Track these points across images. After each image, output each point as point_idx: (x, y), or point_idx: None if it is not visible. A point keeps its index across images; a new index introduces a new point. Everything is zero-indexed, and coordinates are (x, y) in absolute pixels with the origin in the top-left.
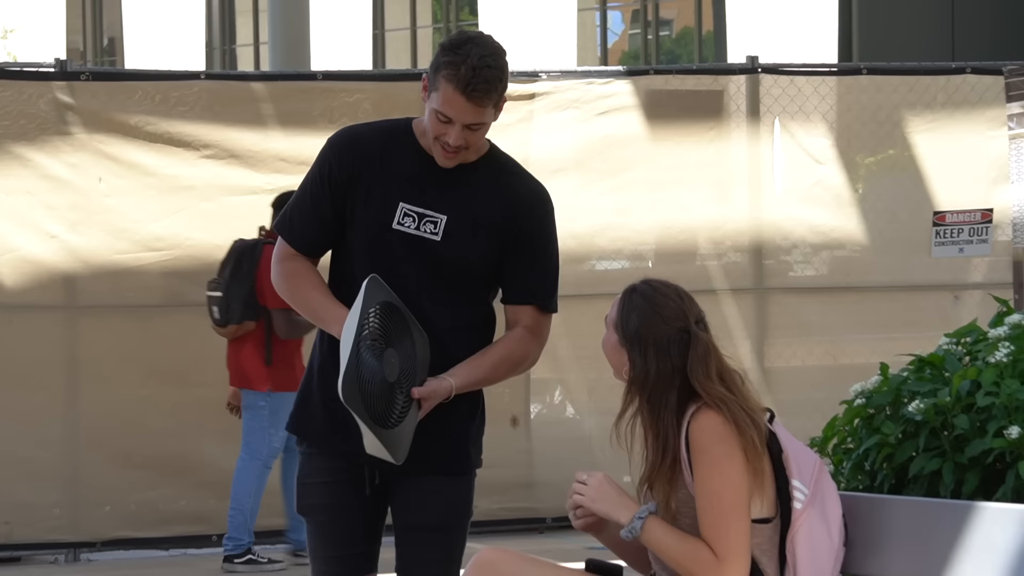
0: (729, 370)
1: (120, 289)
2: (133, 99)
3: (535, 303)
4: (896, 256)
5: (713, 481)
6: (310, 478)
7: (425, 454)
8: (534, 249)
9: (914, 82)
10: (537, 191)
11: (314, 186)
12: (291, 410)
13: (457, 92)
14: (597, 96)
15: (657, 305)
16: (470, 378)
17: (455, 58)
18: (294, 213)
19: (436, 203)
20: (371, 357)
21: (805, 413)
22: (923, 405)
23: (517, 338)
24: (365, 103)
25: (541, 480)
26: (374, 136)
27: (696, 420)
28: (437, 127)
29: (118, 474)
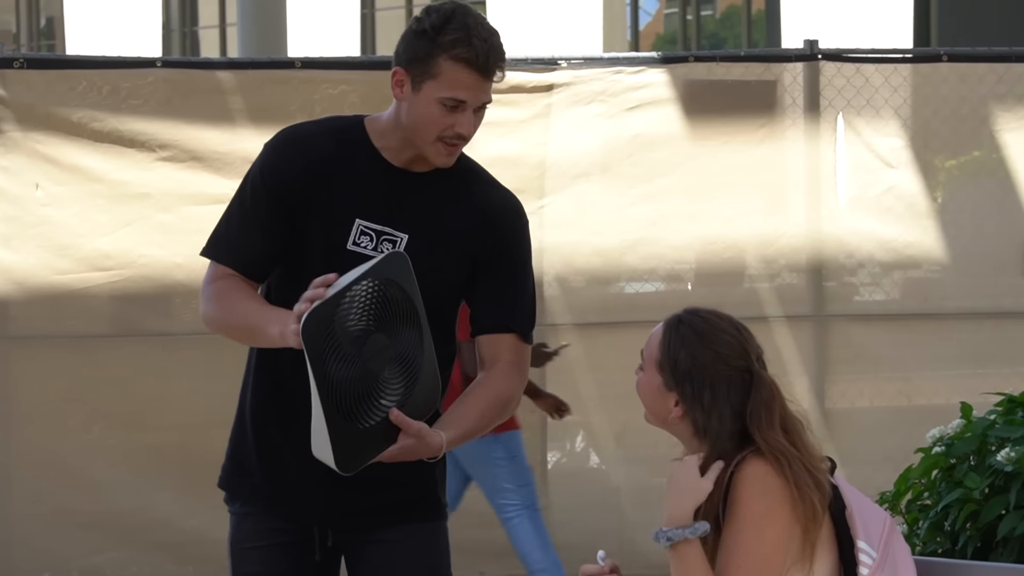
0: (793, 418)
1: (60, 316)
2: (76, 91)
3: (516, 331)
4: (982, 277)
5: (748, 540)
6: (247, 542)
7: (385, 503)
8: (512, 268)
9: (1004, 71)
10: (513, 203)
11: (254, 197)
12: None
13: (472, 70)
14: (626, 87)
15: (712, 341)
16: (462, 430)
17: (457, 34)
18: (226, 230)
19: (396, 219)
20: (346, 337)
21: (873, 463)
22: (1014, 454)
23: (503, 377)
24: (352, 95)
25: (560, 541)
26: (324, 138)
27: (742, 469)
28: (441, 120)
29: (58, 535)
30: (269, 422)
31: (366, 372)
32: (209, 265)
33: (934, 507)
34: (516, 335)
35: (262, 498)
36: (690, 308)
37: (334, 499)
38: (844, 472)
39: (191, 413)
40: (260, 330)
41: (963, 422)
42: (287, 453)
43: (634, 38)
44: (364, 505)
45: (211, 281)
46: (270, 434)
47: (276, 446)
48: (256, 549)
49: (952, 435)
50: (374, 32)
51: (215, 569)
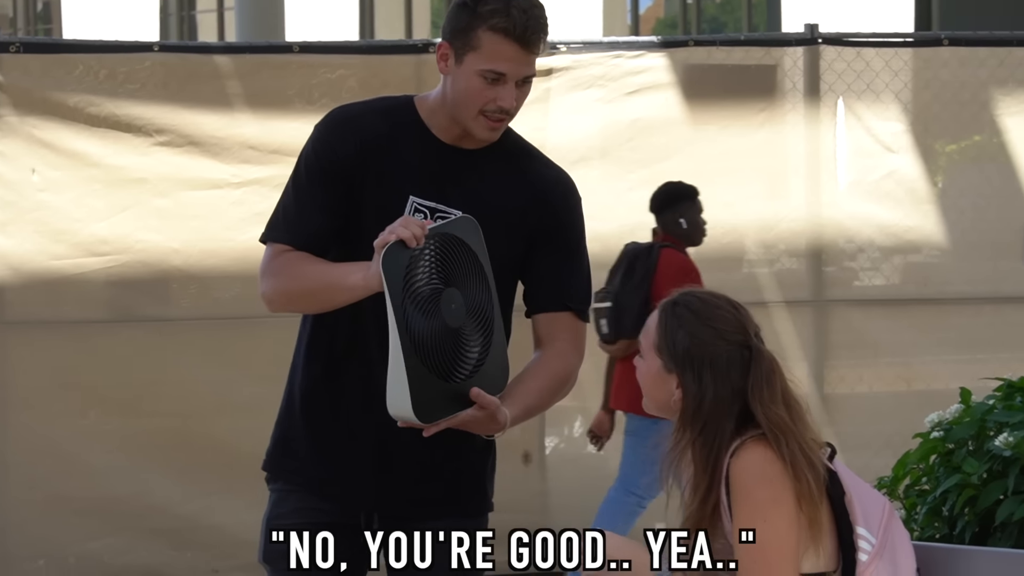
0: (794, 396)
1: (57, 302)
2: (73, 75)
3: (573, 308)
4: (982, 262)
5: (758, 528)
6: (285, 519)
7: (435, 494)
8: (568, 244)
9: (1006, 55)
10: (566, 178)
11: (309, 176)
12: (267, 447)
13: (511, 41)
14: (626, 72)
15: (710, 318)
16: (524, 406)
17: (496, 4)
18: (283, 214)
19: (450, 196)
20: (422, 300)
21: (873, 448)
22: (1012, 439)
23: (561, 355)
24: (350, 80)
25: (558, 526)
26: (375, 117)
27: (739, 456)
28: (483, 93)
29: (54, 521)
30: (321, 404)
31: (447, 328)
32: (265, 250)
33: (932, 492)
34: (573, 313)
35: (307, 479)
36: (684, 290)
37: (387, 486)
38: (843, 457)
39: (188, 399)
40: (340, 282)
41: (962, 407)
42: (338, 436)
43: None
44: (413, 493)
45: (271, 259)
46: (321, 416)
47: (328, 429)
48: (293, 526)
49: (950, 420)
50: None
51: (213, 555)
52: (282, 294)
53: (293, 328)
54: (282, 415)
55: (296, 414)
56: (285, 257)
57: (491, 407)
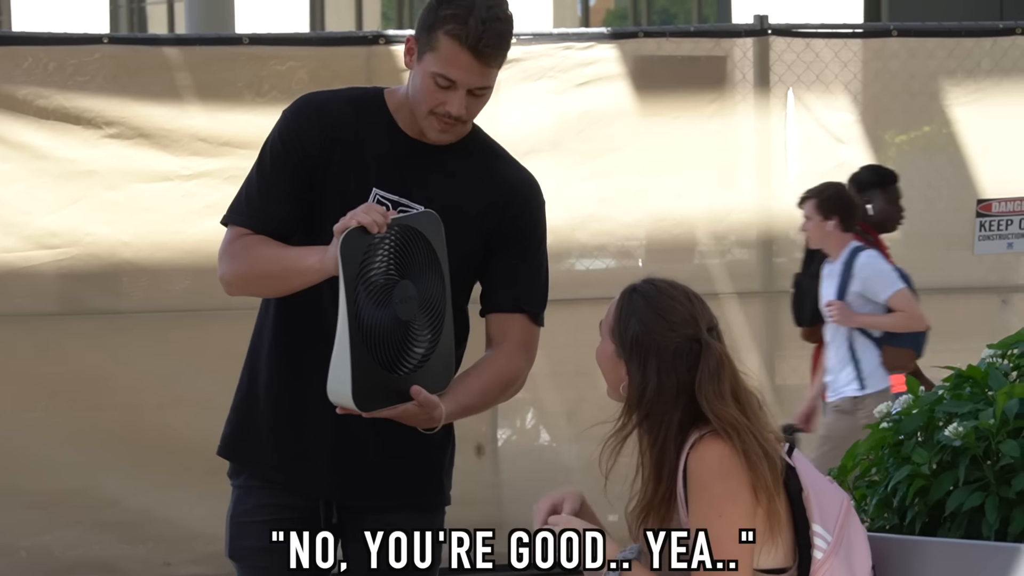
0: (746, 390)
1: (7, 294)
2: (22, 68)
3: (526, 311)
4: (932, 253)
5: (711, 526)
6: (249, 515)
7: (393, 486)
8: (526, 247)
9: (954, 45)
10: (530, 180)
11: (274, 161)
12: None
13: (464, 49)
14: (576, 63)
15: (662, 308)
16: (461, 404)
17: (458, 10)
18: (246, 198)
19: (413, 190)
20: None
21: None
22: (962, 429)
23: (508, 355)
24: (300, 72)
25: (511, 520)
26: (345, 107)
27: (697, 451)
28: (434, 95)
29: (4, 515)
30: (282, 393)
31: (397, 320)
32: (226, 233)
33: (882, 483)
34: (526, 316)
35: (270, 468)
36: (647, 277)
37: (343, 472)
38: None
39: (139, 392)
40: (296, 265)
41: (911, 397)
42: (301, 424)
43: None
44: (370, 485)
45: (230, 242)
46: (282, 405)
47: (290, 416)
48: (258, 523)
49: (900, 411)
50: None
51: (165, 548)
52: (239, 276)
53: (244, 320)
54: (241, 401)
55: (259, 400)
56: (244, 240)
57: (429, 406)
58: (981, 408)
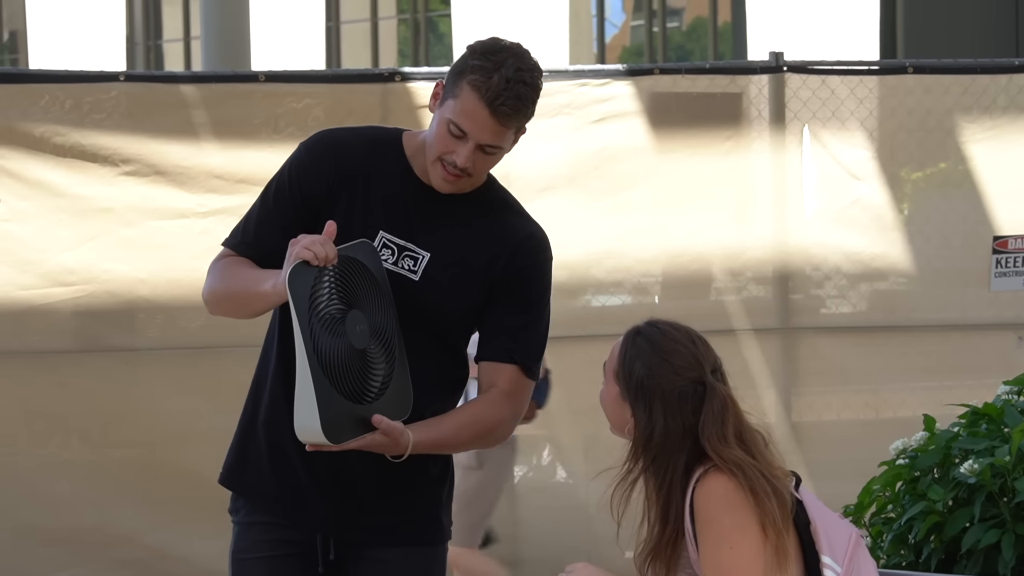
0: (750, 429)
1: (24, 332)
2: (39, 105)
3: (519, 363)
4: (948, 290)
5: (723, 558)
6: (248, 552)
7: (390, 522)
8: (527, 300)
9: (970, 82)
10: (540, 236)
11: (278, 196)
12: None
13: (482, 103)
14: (592, 100)
15: (666, 352)
16: (428, 437)
17: (487, 64)
18: (244, 224)
19: (420, 237)
20: (329, 322)
21: (841, 476)
22: (977, 466)
23: (490, 401)
24: (316, 109)
25: (528, 556)
26: (361, 146)
27: (702, 485)
28: (445, 142)
29: (20, 552)
30: (281, 427)
31: (353, 349)
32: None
33: (898, 520)
34: (518, 367)
35: (269, 502)
36: (650, 319)
37: (340, 509)
38: (812, 485)
39: (154, 429)
40: (254, 287)
41: (927, 434)
42: (298, 460)
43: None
44: (369, 519)
45: (214, 262)
46: (282, 440)
47: (288, 452)
48: (258, 560)
49: (916, 447)
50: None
51: None
52: (212, 294)
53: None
54: (243, 433)
55: (259, 433)
56: (225, 260)
57: (393, 433)
58: (997, 445)
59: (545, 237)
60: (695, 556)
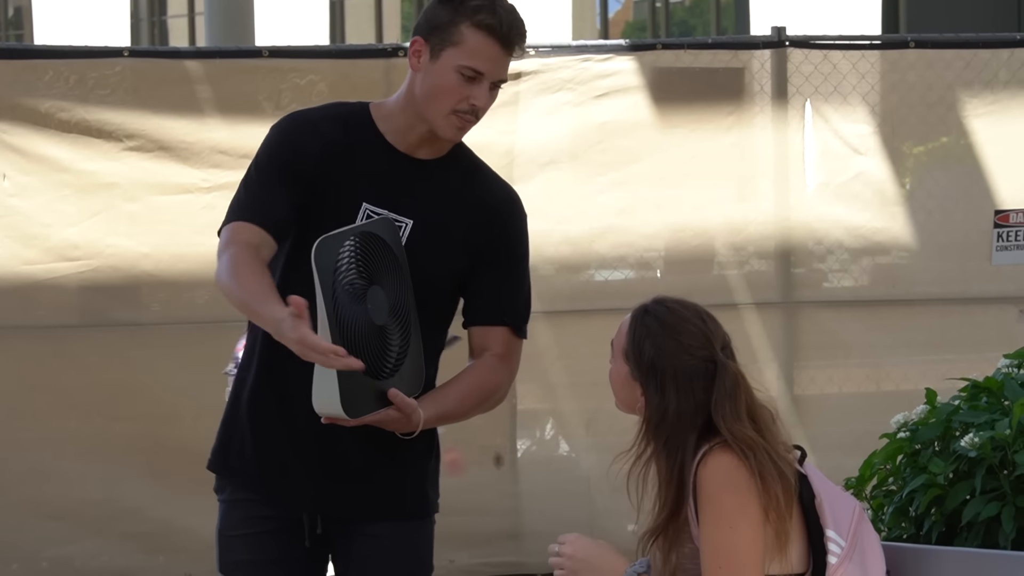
0: (760, 406)
1: (29, 306)
2: (43, 81)
3: (509, 324)
4: (950, 263)
5: (723, 537)
6: (234, 529)
7: (376, 497)
8: (511, 261)
9: (971, 57)
10: (514, 196)
11: (272, 168)
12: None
13: (494, 39)
14: (595, 75)
15: (676, 331)
16: (439, 410)
17: (481, 2)
18: (245, 195)
19: (402, 204)
20: (351, 297)
21: (843, 449)
22: (978, 439)
23: (488, 367)
24: (320, 84)
25: (530, 530)
26: (333, 123)
27: (707, 463)
28: (458, 90)
29: (26, 526)
30: (265, 406)
31: (373, 325)
32: (224, 231)
33: (899, 492)
34: (508, 328)
35: (253, 482)
36: (658, 297)
37: (326, 485)
38: (814, 458)
39: (159, 403)
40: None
41: (928, 408)
42: (283, 437)
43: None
44: (355, 495)
45: (226, 246)
46: (267, 418)
47: (273, 430)
48: (244, 537)
49: (917, 421)
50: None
51: (185, 558)
52: (225, 291)
53: None
54: (228, 416)
55: (242, 415)
56: (237, 255)
57: (408, 409)
58: (997, 418)
59: (518, 197)
60: (696, 532)
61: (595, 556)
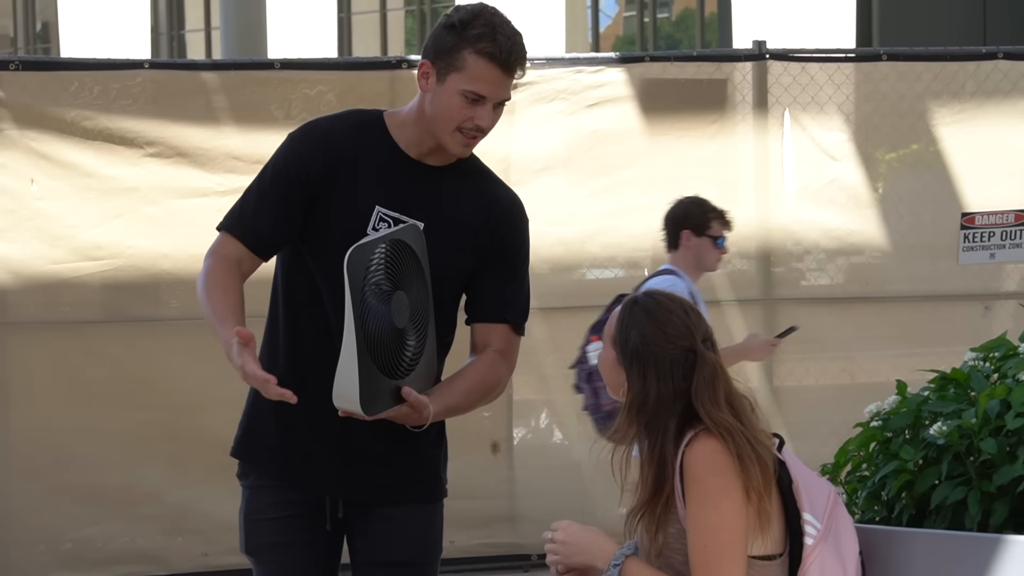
0: (738, 395)
1: (55, 303)
2: (69, 91)
3: (509, 322)
4: (920, 263)
5: (708, 517)
6: (260, 513)
7: (394, 482)
8: (512, 264)
9: (940, 69)
10: (518, 201)
11: (274, 181)
12: (236, 434)
13: (494, 65)
14: (587, 86)
15: (660, 321)
16: (446, 404)
17: (483, 30)
18: (240, 208)
19: (413, 208)
20: (377, 301)
21: (819, 437)
22: (946, 428)
23: (489, 362)
24: (328, 95)
25: (525, 513)
26: (346, 131)
27: (692, 447)
28: (463, 111)
29: (53, 509)
30: None
31: (393, 328)
32: (217, 237)
33: (872, 478)
34: (509, 326)
35: (277, 467)
36: (648, 290)
37: (347, 470)
38: (792, 446)
39: (177, 394)
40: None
41: (899, 398)
42: (305, 425)
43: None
44: (374, 479)
45: (210, 255)
46: (290, 406)
47: (295, 418)
48: (270, 521)
49: (888, 410)
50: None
51: (202, 540)
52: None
53: None
54: (251, 404)
55: (265, 403)
56: (215, 265)
57: (420, 406)
58: (964, 408)
59: (521, 202)
60: (683, 513)
61: (586, 541)
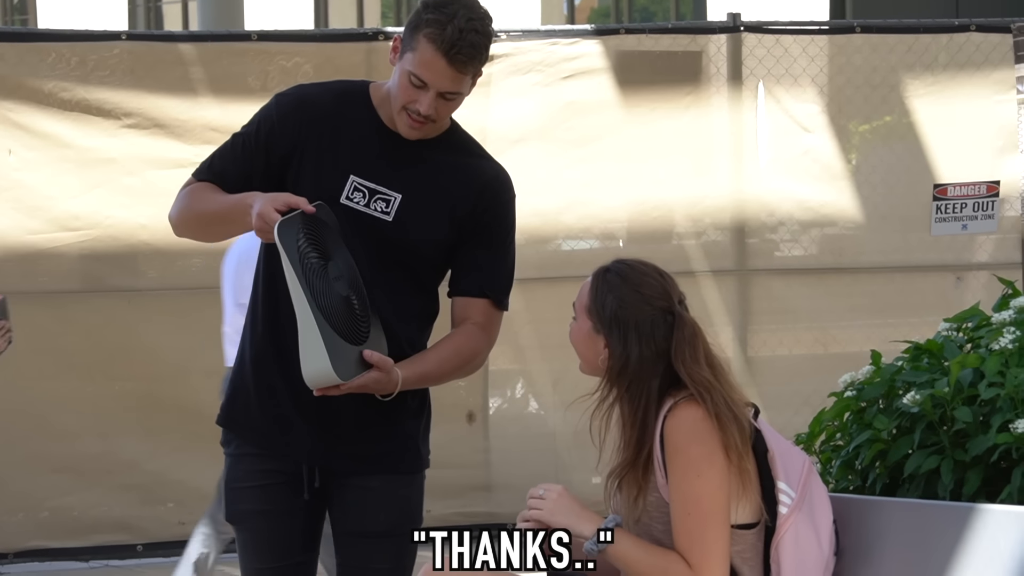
0: (716, 356)
1: (32, 273)
2: (46, 62)
3: (490, 296)
4: (892, 234)
5: (690, 484)
6: (241, 481)
7: (371, 452)
8: (494, 238)
9: (913, 41)
10: (503, 176)
11: (247, 146)
12: (222, 403)
13: (438, 54)
14: (562, 58)
15: (636, 284)
16: (417, 371)
17: (440, 16)
18: (213, 160)
19: (391, 179)
20: (320, 281)
21: (792, 407)
22: (919, 397)
23: (467, 334)
24: (305, 66)
25: (500, 482)
26: (326, 99)
27: (673, 416)
28: (408, 92)
29: (30, 478)
30: (268, 364)
31: (340, 296)
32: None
33: (846, 447)
34: (489, 300)
35: (257, 436)
36: (617, 259)
37: (324, 440)
38: (766, 416)
39: (154, 364)
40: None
41: (873, 368)
42: (284, 394)
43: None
44: (352, 449)
45: (184, 187)
46: (269, 375)
47: (274, 387)
48: (252, 488)
49: (862, 380)
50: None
51: (179, 508)
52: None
53: None
54: (235, 373)
55: (247, 372)
56: (197, 185)
57: (386, 366)
58: (937, 378)
59: (508, 177)
60: (663, 481)
61: (576, 507)
